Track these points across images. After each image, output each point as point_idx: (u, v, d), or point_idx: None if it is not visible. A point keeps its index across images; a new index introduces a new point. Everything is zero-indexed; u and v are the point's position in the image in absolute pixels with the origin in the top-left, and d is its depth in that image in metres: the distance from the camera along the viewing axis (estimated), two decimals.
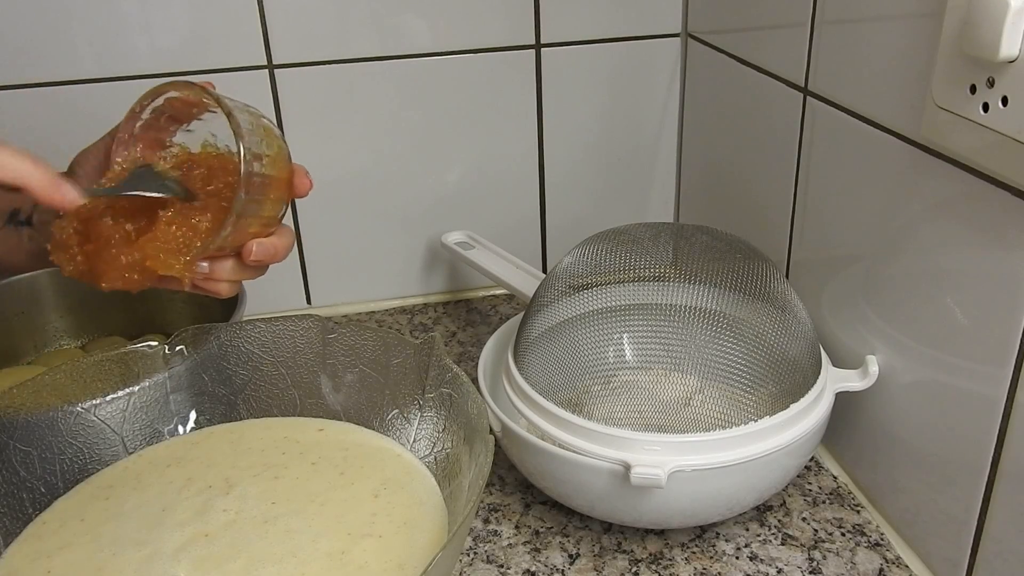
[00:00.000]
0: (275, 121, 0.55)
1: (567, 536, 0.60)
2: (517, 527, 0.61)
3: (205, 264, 0.52)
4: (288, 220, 0.86)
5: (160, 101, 0.51)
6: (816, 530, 0.60)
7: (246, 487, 0.56)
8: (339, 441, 0.60)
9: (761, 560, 0.57)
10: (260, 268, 0.55)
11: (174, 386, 0.61)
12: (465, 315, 0.90)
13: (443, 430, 0.57)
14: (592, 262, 0.64)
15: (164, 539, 0.52)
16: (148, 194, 0.50)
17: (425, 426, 0.58)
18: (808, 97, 0.65)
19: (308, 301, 0.92)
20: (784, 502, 0.62)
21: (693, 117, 0.88)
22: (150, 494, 0.56)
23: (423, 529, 0.52)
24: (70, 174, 0.57)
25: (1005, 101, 0.43)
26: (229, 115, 0.49)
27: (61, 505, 0.56)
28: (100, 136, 0.56)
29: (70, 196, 0.48)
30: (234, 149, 0.50)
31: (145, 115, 0.52)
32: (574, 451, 0.55)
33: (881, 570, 0.56)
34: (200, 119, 0.54)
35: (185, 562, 0.50)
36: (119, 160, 0.52)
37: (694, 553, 0.58)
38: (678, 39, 0.87)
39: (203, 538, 0.52)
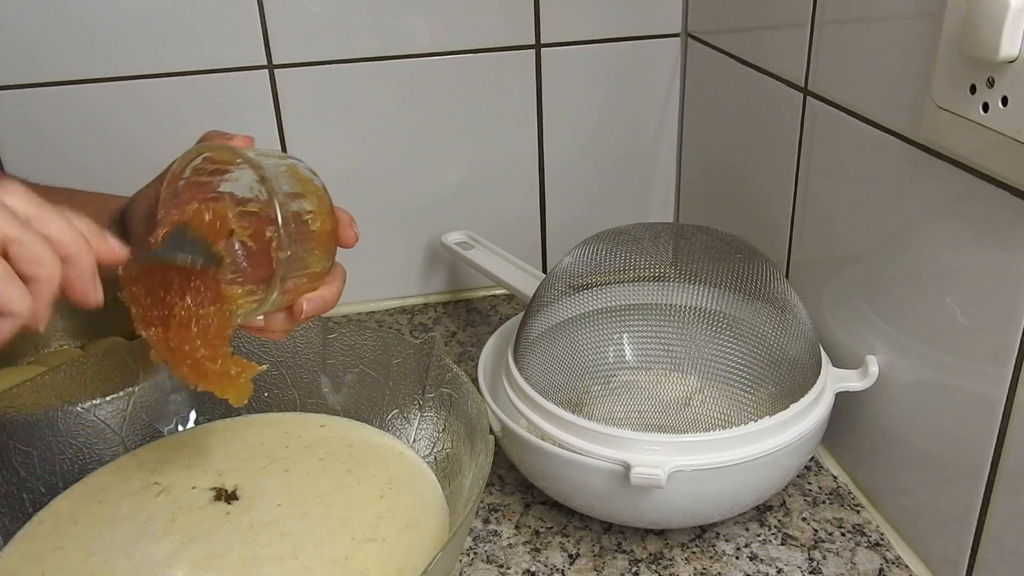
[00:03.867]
0: (313, 171, 0.51)
1: (567, 536, 0.60)
2: (517, 527, 0.61)
3: (260, 318, 0.50)
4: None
5: (199, 160, 0.49)
6: (816, 530, 0.60)
7: (249, 485, 0.56)
8: (343, 438, 0.60)
9: (761, 560, 0.58)
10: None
11: (174, 386, 0.61)
12: (465, 315, 0.90)
13: (443, 430, 0.57)
14: (592, 262, 0.64)
15: (154, 548, 0.51)
16: (178, 262, 0.47)
17: (425, 426, 0.58)
18: (808, 97, 0.65)
19: None
20: (784, 502, 0.62)
21: (693, 117, 0.88)
22: (144, 497, 0.56)
23: (425, 530, 0.52)
24: (125, 219, 0.55)
25: (1005, 101, 0.43)
26: (263, 180, 0.46)
27: (56, 505, 0.56)
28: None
29: (115, 247, 0.43)
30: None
31: (187, 174, 0.49)
32: (574, 451, 0.55)
33: (881, 570, 0.56)
34: (239, 167, 0.51)
35: (177, 569, 0.50)
36: (161, 217, 0.49)
37: (694, 553, 0.58)
38: (678, 39, 0.87)
39: (192, 543, 0.52)
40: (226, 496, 0.55)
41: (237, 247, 0.51)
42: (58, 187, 0.59)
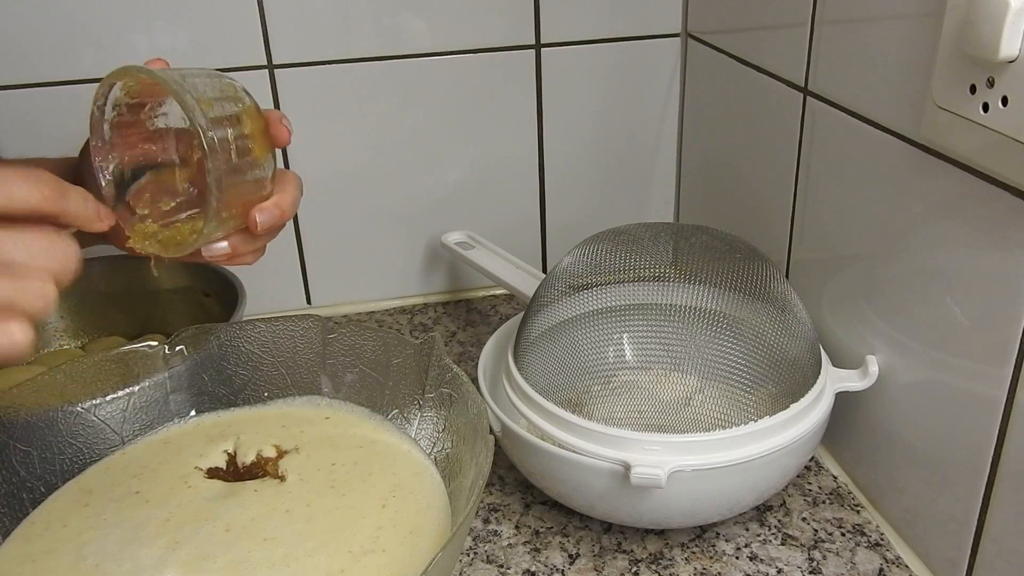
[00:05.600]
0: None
1: (567, 536, 0.60)
2: (517, 527, 0.61)
3: (224, 243, 0.50)
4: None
5: (117, 92, 0.47)
6: (816, 530, 0.60)
7: (246, 487, 0.56)
8: (350, 435, 0.59)
9: (761, 560, 0.58)
10: (275, 231, 0.53)
11: (174, 386, 0.61)
12: (465, 315, 0.90)
13: (443, 430, 0.57)
14: (592, 262, 0.64)
15: (143, 552, 0.51)
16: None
17: (425, 426, 0.58)
18: (808, 97, 0.65)
19: (308, 301, 0.92)
20: (784, 502, 0.62)
21: (693, 117, 0.88)
22: (132, 502, 0.55)
23: (428, 536, 0.51)
24: (79, 176, 0.55)
25: (1005, 101, 0.43)
26: (175, 95, 0.45)
27: (47, 507, 0.55)
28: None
29: (108, 219, 0.45)
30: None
31: (108, 115, 0.48)
32: (574, 451, 0.55)
33: (881, 570, 0.56)
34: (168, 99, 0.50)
35: (166, 573, 0.49)
36: (109, 170, 0.49)
37: (694, 553, 0.58)
38: (678, 39, 0.87)
39: (181, 547, 0.51)
40: (222, 501, 0.55)
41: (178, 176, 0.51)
42: (26, 159, 0.60)
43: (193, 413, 0.62)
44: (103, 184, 0.48)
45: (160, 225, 0.49)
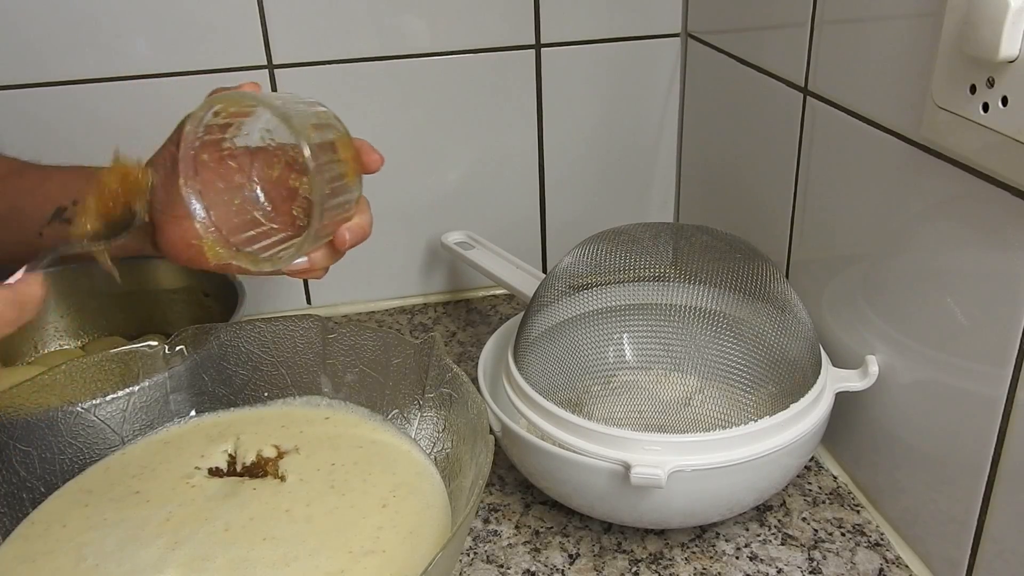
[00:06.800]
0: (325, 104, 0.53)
1: (567, 536, 0.60)
2: (517, 527, 0.61)
3: (304, 258, 0.53)
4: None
5: (210, 116, 0.50)
6: (816, 530, 0.60)
7: (245, 488, 0.56)
8: (350, 435, 0.59)
9: (761, 560, 0.58)
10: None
11: (174, 386, 0.61)
12: (465, 315, 0.90)
13: (443, 430, 0.57)
14: (592, 262, 0.64)
15: (144, 552, 0.51)
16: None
17: (425, 426, 0.58)
18: (808, 97, 0.65)
19: (308, 301, 0.92)
20: (784, 502, 0.62)
21: (693, 117, 0.88)
22: (132, 502, 0.55)
23: (428, 536, 0.51)
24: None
25: (1005, 101, 0.43)
26: (284, 121, 0.48)
27: (47, 507, 0.55)
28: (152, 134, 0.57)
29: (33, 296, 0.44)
30: (289, 141, 0.50)
31: (200, 133, 0.50)
32: (574, 451, 0.55)
33: (881, 570, 0.56)
34: (251, 116, 0.53)
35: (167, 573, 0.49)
36: (195, 188, 0.51)
37: (694, 553, 0.58)
38: (678, 39, 0.87)
39: (181, 546, 0.51)
40: (221, 501, 0.55)
41: (263, 199, 0.54)
42: (73, 166, 0.63)
43: (193, 413, 0.62)
44: (191, 205, 0.51)
45: (251, 247, 0.52)
